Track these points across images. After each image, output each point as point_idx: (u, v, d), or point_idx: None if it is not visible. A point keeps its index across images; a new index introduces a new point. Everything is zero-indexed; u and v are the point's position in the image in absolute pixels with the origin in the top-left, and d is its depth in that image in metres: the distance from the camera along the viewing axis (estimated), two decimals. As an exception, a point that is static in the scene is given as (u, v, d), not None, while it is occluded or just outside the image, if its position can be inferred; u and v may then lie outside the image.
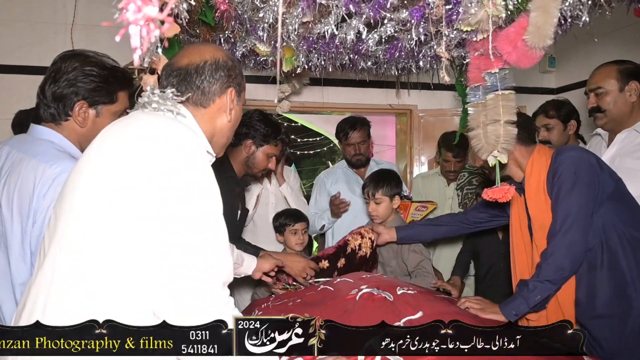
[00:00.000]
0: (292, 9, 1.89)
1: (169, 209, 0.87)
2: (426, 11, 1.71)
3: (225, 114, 1.13)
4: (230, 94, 1.13)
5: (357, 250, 2.15)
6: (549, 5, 1.41)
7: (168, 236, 0.86)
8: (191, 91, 1.08)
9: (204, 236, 0.89)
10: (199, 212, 0.89)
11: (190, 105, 1.09)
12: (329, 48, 2.33)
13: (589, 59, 3.53)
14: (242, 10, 1.95)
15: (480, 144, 1.91)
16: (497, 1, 1.43)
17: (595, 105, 1.99)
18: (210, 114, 1.11)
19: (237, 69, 1.16)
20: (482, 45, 1.76)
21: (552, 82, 4.37)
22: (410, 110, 4.31)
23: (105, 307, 0.85)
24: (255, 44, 2.32)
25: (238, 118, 1.19)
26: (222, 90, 1.12)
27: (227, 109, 1.13)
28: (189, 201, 0.89)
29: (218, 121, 1.13)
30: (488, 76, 1.84)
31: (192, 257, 0.86)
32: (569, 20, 1.66)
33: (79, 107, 1.36)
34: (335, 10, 1.83)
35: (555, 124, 2.46)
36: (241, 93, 1.19)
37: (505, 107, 1.82)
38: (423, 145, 4.40)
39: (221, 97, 1.12)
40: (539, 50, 1.55)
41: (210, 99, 1.10)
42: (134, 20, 0.64)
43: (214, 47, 1.17)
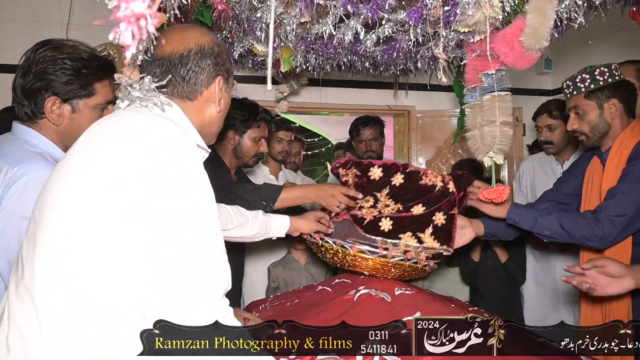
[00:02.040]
0: (290, 9, 1.89)
1: (157, 203, 0.83)
2: (424, 12, 1.71)
3: (214, 104, 1.07)
4: (218, 83, 1.06)
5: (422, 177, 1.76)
6: (545, 7, 1.42)
7: (158, 232, 0.82)
8: (176, 83, 1.01)
9: (197, 231, 0.85)
10: (189, 206, 0.85)
11: (176, 97, 1.03)
12: (327, 48, 2.33)
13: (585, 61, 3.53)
14: (239, 10, 1.95)
15: (477, 144, 1.92)
16: (494, 3, 1.44)
17: None
18: (199, 105, 1.05)
19: (224, 54, 1.08)
20: (479, 46, 1.77)
21: (548, 84, 4.39)
22: (408, 111, 4.32)
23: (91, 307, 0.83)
24: (253, 44, 2.32)
25: (227, 105, 1.13)
26: (210, 80, 1.04)
27: (216, 99, 1.06)
28: (178, 195, 0.84)
29: (207, 112, 1.07)
30: (485, 77, 1.85)
31: (184, 253, 0.83)
32: (564, 22, 1.67)
33: (51, 104, 1.24)
34: (333, 11, 1.83)
35: (558, 125, 2.48)
36: (229, 79, 1.11)
37: (501, 108, 1.83)
38: (421, 146, 4.41)
39: (209, 88, 1.05)
40: (535, 52, 1.56)
41: (198, 91, 1.03)
42: (124, 18, 0.63)
43: (198, 31, 1.06)
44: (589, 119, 1.67)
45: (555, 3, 1.46)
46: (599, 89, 1.66)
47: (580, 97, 1.69)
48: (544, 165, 2.68)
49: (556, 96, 4.29)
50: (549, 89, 4.38)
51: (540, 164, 2.70)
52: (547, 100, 2.75)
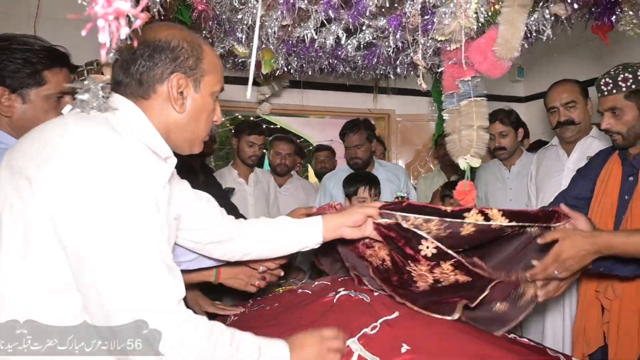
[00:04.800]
0: (271, 12, 1.91)
1: (85, 223, 0.78)
2: (403, 20, 1.76)
3: (169, 103, 0.94)
4: (174, 81, 0.93)
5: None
6: (515, 19, 1.49)
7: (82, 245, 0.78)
8: (129, 81, 0.92)
9: (131, 247, 0.79)
10: (115, 222, 0.79)
11: (131, 97, 0.93)
12: (308, 52, 2.37)
13: (555, 70, 3.68)
14: (220, 10, 1.96)
15: (455, 147, 1.99)
16: (469, 14, 1.50)
17: (569, 118, 2.11)
18: (156, 105, 0.94)
19: (190, 49, 0.95)
20: (455, 54, 1.83)
21: (520, 91, 4.53)
22: (388, 114, 4.39)
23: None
24: (234, 45, 2.34)
25: (202, 109, 0.99)
26: (165, 77, 0.93)
27: (173, 98, 0.94)
28: (100, 208, 0.78)
29: (170, 114, 0.95)
30: (461, 84, 1.93)
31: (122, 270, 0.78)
32: (534, 34, 1.75)
33: (0, 94, 1.21)
34: (315, 15, 1.86)
35: (509, 131, 2.60)
36: (201, 78, 0.97)
37: (477, 113, 1.90)
38: (400, 149, 4.49)
39: (163, 85, 0.93)
40: (507, 61, 1.63)
41: (150, 89, 0.93)
42: (103, 15, 0.61)
43: (164, 26, 0.97)
44: (626, 119, 1.59)
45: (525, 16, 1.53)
46: (639, 90, 1.57)
47: (620, 96, 1.59)
48: (495, 170, 2.80)
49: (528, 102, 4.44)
50: (521, 95, 4.52)
51: (491, 170, 2.83)
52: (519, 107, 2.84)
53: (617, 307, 1.58)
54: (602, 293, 1.62)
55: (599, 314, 1.66)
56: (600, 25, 1.77)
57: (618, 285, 1.57)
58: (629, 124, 1.60)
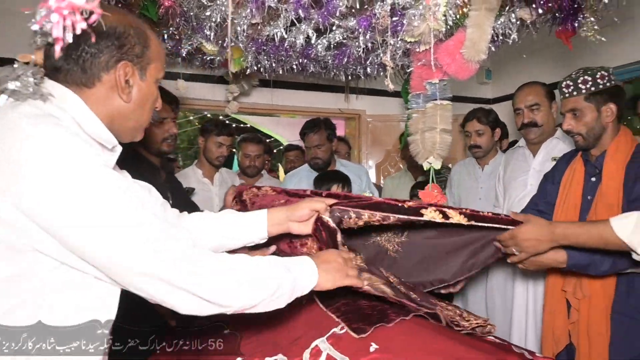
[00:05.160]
0: (240, 10, 1.88)
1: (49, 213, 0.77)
2: (373, 21, 1.76)
3: (116, 92, 0.92)
4: (122, 69, 0.91)
5: None
6: (483, 22, 1.51)
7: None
8: (69, 68, 0.88)
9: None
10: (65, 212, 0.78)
11: (72, 85, 0.90)
12: (278, 51, 2.34)
13: (521, 72, 3.78)
14: (187, 7, 1.92)
15: (418, 149, 2.00)
16: (437, 16, 1.51)
17: (532, 120, 2.16)
18: (100, 94, 0.91)
19: (136, 37, 0.93)
20: (424, 55, 1.85)
21: (488, 93, 4.63)
22: (358, 115, 4.40)
23: None
24: (202, 42, 2.29)
25: (147, 97, 0.98)
26: (111, 65, 0.90)
27: (120, 87, 0.92)
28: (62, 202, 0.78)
29: (114, 103, 0.93)
30: (429, 85, 1.94)
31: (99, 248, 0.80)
32: (500, 37, 1.78)
33: None
34: (285, 14, 1.84)
35: (485, 130, 2.65)
36: (147, 66, 0.96)
37: (442, 116, 1.92)
38: (371, 150, 4.51)
39: (109, 74, 0.91)
40: (474, 63, 1.66)
41: (95, 76, 0.90)
42: (57, 9, 0.59)
43: (110, 10, 0.92)
44: (586, 120, 1.65)
45: (492, 19, 1.55)
46: (598, 92, 1.64)
47: (580, 98, 1.65)
48: (469, 168, 2.84)
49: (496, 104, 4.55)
50: (488, 97, 4.62)
51: (466, 168, 2.87)
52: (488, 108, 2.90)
53: (586, 306, 1.62)
54: (572, 292, 1.66)
55: (566, 313, 1.71)
56: (564, 30, 1.82)
57: (586, 285, 1.61)
58: (588, 125, 1.65)
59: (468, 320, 1.39)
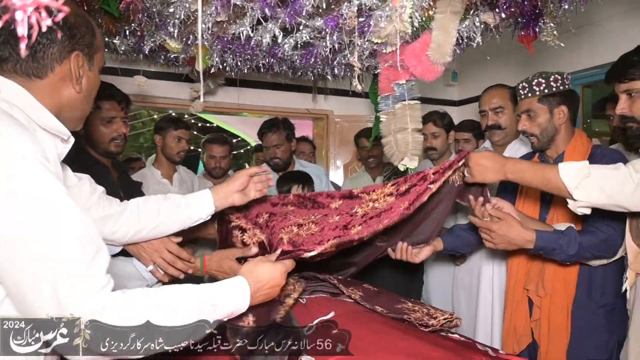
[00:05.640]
0: (205, 7, 1.83)
1: None
2: (340, 21, 1.75)
3: (71, 84, 0.92)
4: (75, 59, 0.91)
5: None
6: (448, 25, 1.53)
7: None
8: (18, 58, 0.86)
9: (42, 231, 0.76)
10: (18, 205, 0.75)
11: (20, 75, 0.87)
12: (244, 49, 2.30)
13: (486, 75, 3.87)
14: (150, 3, 1.85)
15: (392, 150, 2.01)
16: (404, 18, 1.51)
17: (496, 122, 2.20)
18: (51, 85, 0.90)
19: (84, 27, 0.93)
20: (391, 57, 1.85)
21: (454, 95, 4.73)
22: (326, 115, 4.40)
23: None
24: (166, 39, 2.22)
25: (93, 86, 0.99)
26: (64, 56, 0.90)
27: (73, 77, 0.92)
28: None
29: (65, 93, 0.92)
30: (397, 87, 1.95)
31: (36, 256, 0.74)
32: (465, 40, 1.81)
33: None
34: (251, 13, 1.81)
35: (440, 133, 2.71)
36: (94, 55, 0.97)
37: (412, 116, 1.94)
38: (339, 150, 4.52)
39: (63, 64, 0.90)
40: (440, 66, 1.67)
41: (47, 68, 0.88)
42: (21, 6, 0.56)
43: None
44: (539, 121, 1.71)
45: (456, 23, 1.57)
46: (551, 95, 1.70)
47: (534, 100, 1.72)
48: None
49: (461, 106, 4.64)
50: (455, 99, 4.71)
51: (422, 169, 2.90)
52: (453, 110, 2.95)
53: (547, 304, 1.66)
54: (534, 291, 1.70)
55: (527, 311, 1.75)
56: (525, 34, 1.87)
57: (548, 282, 1.66)
58: (541, 126, 1.72)
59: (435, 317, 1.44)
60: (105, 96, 1.89)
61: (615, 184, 1.29)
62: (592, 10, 2.70)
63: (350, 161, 4.55)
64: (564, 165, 1.36)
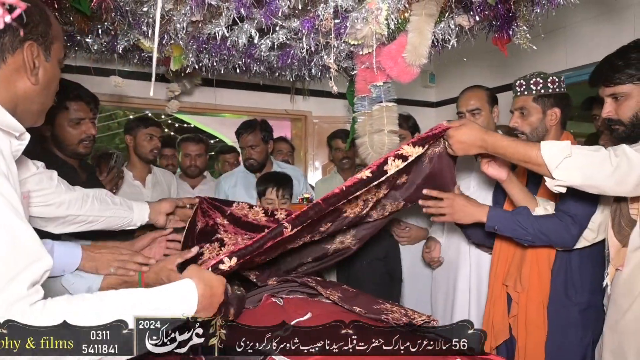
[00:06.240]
0: (179, 7, 1.80)
1: None
2: (316, 22, 1.74)
3: (25, 75, 0.89)
4: (29, 49, 0.88)
5: None
6: (423, 28, 1.54)
7: None
8: None
9: None
10: None
11: None
12: (220, 50, 2.27)
13: (464, 77, 3.92)
14: (123, 1, 1.81)
15: (368, 151, 2.01)
16: (380, 20, 1.51)
17: None
18: (4, 77, 0.87)
19: (38, 15, 0.89)
20: (367, 58, 1.86)
21: (432, 96, 4.77)
22: (305, 116, 4.39)
23: None
24: (139, 38, 2.17)
25: (52, 78, 0.96)
26: (16, 45, 0.86)
27: (28, 68, 0.89)
28: None
29: (19, 85, 0.89)
30: (373, 88, 1.96)
31: None
32: (440, 43, 1.82)
33: None
34: (226, 13, 1.79)
35: (406, 135, 2.74)
36: (51, 46, 0.93)
37: (389, 118, 1.94)
38: (317, 151, 4.51)
39: (15, 55, 0.87)
40: (416, 67, 1.68)
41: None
42: None
43: None
44: (531, 120, 1.74)
45: (432, 25, 1.59)
46: (547, 95, 1.72)
47: (530, 98, 1.74)
48: None
49: (439, 107, 4.69)
50: (433, 101, 4.76)
51: None
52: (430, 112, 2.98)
53: (524, 299, 1.69)
54: (512, 286, 1.73)
55: (505, 307, 1.77)
56: (500, 37, 1.89)
57: (525, 278, 1.69)
58: (533, 125, 1.74)
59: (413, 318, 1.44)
60: (74, 97, 1.85)
61: (595, 165, 1.30)
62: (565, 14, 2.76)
63: (329, 162, 4.55)
64: (546, 144, 1.36)
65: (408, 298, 2.76)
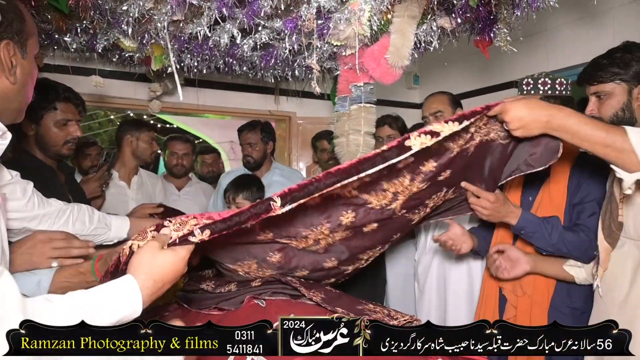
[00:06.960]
0: (160, 6, 1.78)
1: None
2: (299, 23, 1.74)
3: (4, 75, 0.88)
4: (5, 49, 0.87)
5: None
6: (406, 29, 1.54)
7: None
8: None
9: None
10: None
11: None
12: (202, 50, 2.25)
13: (447, 78, 3.96)
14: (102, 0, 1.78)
15: (343, 151, 2.02)
16: (362, 21, 1.51)
17: None
18: None
19: (12, 12, 0.88)
20: (350, 59, 1.86)
21: (416, 98, 4.79)
22: (289, 117, 4.37)
23: None
24: (119, 37, 2.14)
25: (29, 75, 0.95)
26: None
27: (5, 68, 0.88)
28: None
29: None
30: (354, 89, 1.96)
31: None
32: (423, 44, 1.83)
33: None
34: (208, 12, 1.77)
35: (396, 135, 2.75)
36: (26, 42, 0.92)
37: (366, 119, 1.95)
38: (301, 152, 4.49)
39: None
40: (398, 69, 1.69)
41: None
42: None
43: None
44: None
45: (414, 27, 1.59)
46: (553, 97, 1.67)
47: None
48: None
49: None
50: (416, 102, 4.78)
51: None
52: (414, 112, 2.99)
53: (527, 304, 1.68)
54: (511, 290, 1.72)
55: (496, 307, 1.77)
56: (481, 39, 1.91)
57: (527, 283, 1.68)
58: None
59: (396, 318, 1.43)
60: (64, 99, 1.82)
61: None
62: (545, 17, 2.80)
63: (313, 163, 4.54)
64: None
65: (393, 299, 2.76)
